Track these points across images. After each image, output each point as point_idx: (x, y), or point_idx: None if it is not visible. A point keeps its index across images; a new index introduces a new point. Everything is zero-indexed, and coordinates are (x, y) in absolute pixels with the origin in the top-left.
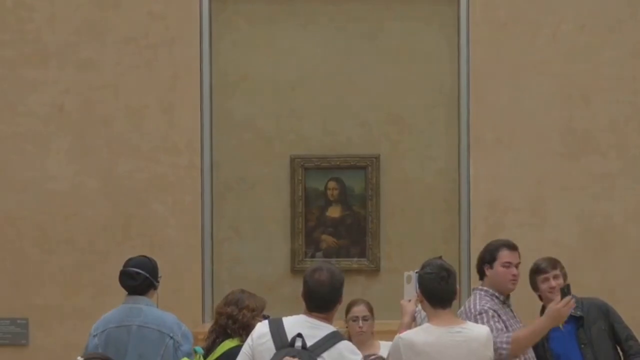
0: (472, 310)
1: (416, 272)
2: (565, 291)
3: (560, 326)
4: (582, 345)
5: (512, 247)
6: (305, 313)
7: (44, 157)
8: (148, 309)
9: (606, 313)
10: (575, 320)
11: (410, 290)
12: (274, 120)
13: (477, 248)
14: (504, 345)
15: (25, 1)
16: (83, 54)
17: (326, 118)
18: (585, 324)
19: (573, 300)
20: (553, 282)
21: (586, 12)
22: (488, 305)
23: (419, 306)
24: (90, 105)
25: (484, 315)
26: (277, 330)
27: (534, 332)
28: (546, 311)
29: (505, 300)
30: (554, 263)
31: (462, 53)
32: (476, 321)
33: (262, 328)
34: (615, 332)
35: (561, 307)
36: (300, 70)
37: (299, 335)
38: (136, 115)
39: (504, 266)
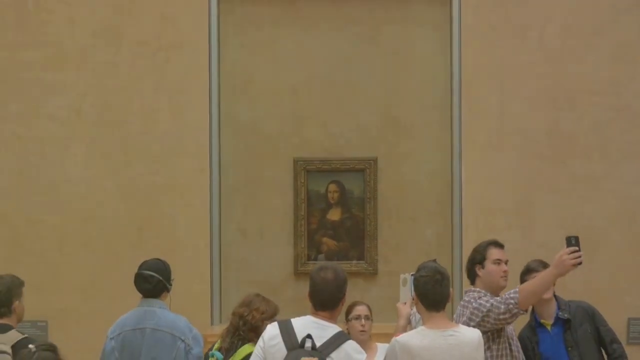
0: (472, 301)
1: (412, 275)
2: (572, 242)
3: (549, 329)
4: (569, 348)
5: (500, 245)
6: (312, 314)
7: (63, 160)
8: (161, 312)
9: (592, 316)
10: (563, 323)
11: (406, 292)
12: (278, 123)
13: (469, 250)
14: (512, 295)
15: (46, 4)
16: (99, 57)
17: (327, 121)
18: (572, 326)
19: (581, 254)
20: None
21: (571, 16)
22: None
23: (414, 309)
24: (107, 108)
25: (482, 296)
26: (286, 332)
27: (540, 280)
28: (553, 261)
29: None
30: (545, 264)
31: (454, 55)
32: (479, 299)
33: (272, 330)
34: (600, 335)
35: (565, 256)
36: (301, 73)
37: (309, 336)
38: (149, 118)
39: (494, 263)
